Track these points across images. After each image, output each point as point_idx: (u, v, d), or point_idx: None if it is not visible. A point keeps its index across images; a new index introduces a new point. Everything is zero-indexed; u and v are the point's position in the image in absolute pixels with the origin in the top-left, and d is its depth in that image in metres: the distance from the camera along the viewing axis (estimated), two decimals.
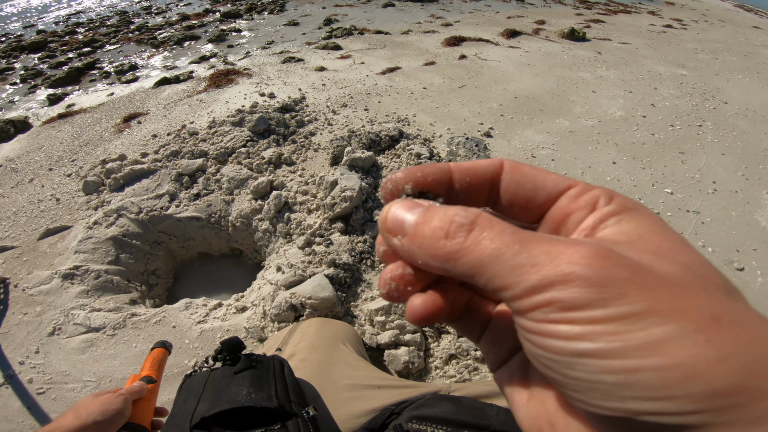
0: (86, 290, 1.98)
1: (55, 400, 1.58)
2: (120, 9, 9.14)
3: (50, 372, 1.66)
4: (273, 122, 2.89)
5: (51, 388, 1.61)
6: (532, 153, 2.89)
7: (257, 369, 0.77)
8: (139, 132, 3.28)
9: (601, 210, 0.23)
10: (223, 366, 0.79)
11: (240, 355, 0.80)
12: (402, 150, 2.45)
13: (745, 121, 3.79)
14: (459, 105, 3.54)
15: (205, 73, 4.49)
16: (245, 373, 0.75)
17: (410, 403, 0.84)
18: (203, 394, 0.72)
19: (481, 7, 7.89)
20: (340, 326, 1.30)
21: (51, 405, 1.57)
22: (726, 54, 6.26)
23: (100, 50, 6.32)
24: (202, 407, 0.68)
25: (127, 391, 0.73)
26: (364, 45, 5.17)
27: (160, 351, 0.88)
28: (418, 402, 0.83)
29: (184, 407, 0.70)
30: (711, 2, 15.41)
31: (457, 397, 0.84)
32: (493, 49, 5.10)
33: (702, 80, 4.76)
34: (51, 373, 1.66)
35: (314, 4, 8.03)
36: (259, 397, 0.69)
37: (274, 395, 0.71)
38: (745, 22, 10.63)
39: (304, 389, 0.82)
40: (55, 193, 2.69)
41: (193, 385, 0.75)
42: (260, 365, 0.78)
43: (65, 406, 1.56)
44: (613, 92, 4.06)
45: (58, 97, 4.62)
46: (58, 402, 1.57)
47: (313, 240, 2.00)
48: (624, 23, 7.74)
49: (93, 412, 0.66)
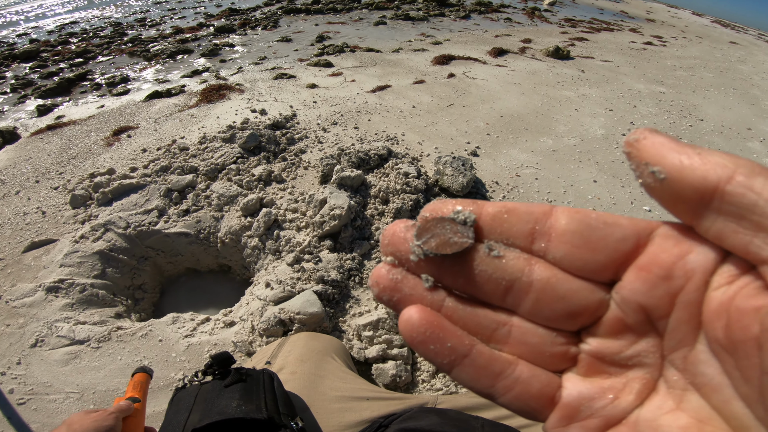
0: (71, 303, 1.98)
1: (36, 410, 1.57)
2: (114, 20, 9.19)
3: (32, 383, 1.66)
4: (264, 139, 2.93)
5: (32, 399, 1.61)
6: (517, 172, 2.99)
7: (247, 382, 0.79)
8: (128, 146, 3.29)
9: None
10: (213, 380, 0.82)
11: (230, 369, 0.83)
12: (390, 169, 2.51)
13: (721, 138, 3.96)
14: (447, 124, 3.64)
15: (197, 88, 4.53)
16: (235, 386, 0.78)
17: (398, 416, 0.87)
18: (194, 407, 0.74)
19: (470, 26, 8.13)
20: (328, 340, 1.33)
21: (31, 415, 1.56)
22: (703, 70, 6.53)
23: (93, 61, 6.33)
24: (193, 419, 0.71)
25: (117, 409, 0.76)
26: (356, 62, 5.29)
27: (142, 375, 0.90)
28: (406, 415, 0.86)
29: (176, 419, 0.72)
30: (689, 18, 16.09)
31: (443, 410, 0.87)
32: (481, 68, 5.26)
33: (679, 97, 4.97)
34: (32, 384, 1.65)
35: (307, 21, 8.19)
36: (249, 409, 0.72)
37: (263, 407, 0.73)
38: (722, 38, 11.11)
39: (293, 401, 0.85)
40: (41, 206, 2.68)
41: (183, 398, 0.78)
42: (250, 378, 0.81)
43: (46, 417, 1.55)
44: (595, 110, 4.22)
45: (48, 107, 4.60)
46: (39, 413, 1.56)
47: (302, 257, 2.04)
48: (606, 41, 8.03)
49: (87, 428, 0.68)
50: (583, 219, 0.22)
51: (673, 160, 0.20)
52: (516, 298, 0.24)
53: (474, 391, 0.24)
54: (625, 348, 0.23)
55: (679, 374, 0.22)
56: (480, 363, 0.24)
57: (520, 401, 0.24)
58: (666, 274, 0.21)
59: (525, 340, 0.24)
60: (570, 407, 0.23)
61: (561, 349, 0.24)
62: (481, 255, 0.23)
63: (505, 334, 0.24)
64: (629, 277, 0.22)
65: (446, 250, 0.23)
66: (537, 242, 0.23)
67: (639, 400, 0.22)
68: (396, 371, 1.60)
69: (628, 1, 20.26)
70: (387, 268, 0.25)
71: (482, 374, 0.24)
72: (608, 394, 0.23)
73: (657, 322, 0.22)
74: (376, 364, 1.65)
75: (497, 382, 0.24)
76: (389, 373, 1.60)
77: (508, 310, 0.24)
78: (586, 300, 0.23)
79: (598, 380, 0.23)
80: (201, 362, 1.77)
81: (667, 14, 16.23)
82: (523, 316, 0.24)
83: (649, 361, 0.22)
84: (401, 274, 0.24)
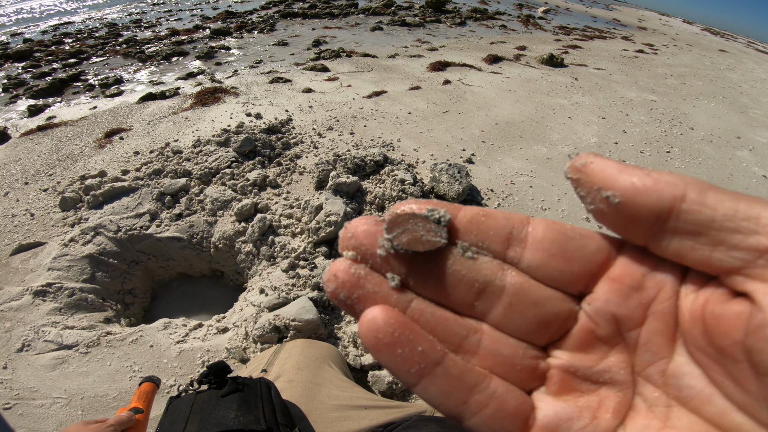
0: (59, 308, 1.94)
1: (22, 415, 1.54)
2: (110, 21, 9.13)
3: (18, 387, 1.63)
4: (259, 144, 2.92)
5: (18, 404, 1.58)
6: (512, 180, 3.00)
7: (244, 392, 0.78)
8: (121, 148, 3.25)
9: None
10: (210, 389, 0.80)
11: (226, 379, 0.81)
12: (386, 175, 2.51)
13: (710, 146, 4.02)
14: (442, 131, 3.66)
15: (192, 90, 4.50)
16: (232, 396, 0.76)
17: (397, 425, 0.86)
18: (190, 417, 0.72)
19: (466, 33, 8.21)
20: (324, 347, 1.31)
21: (17, 420, 1.53)
22: (693, 79, 6.65)
23: (86, 62, 6.27)
24: (191, 429, 0.69)
25: (116, 421, 0.74)
26: (352, 68, 5.30)
27: (148, 385, 0.89)
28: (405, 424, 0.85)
29: (171, 429, 0.71)
30: (680, 26, 16.42)
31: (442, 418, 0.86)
32: (476, 75, 5.30)
33: (670, 106, 5.05)
34: (18, 389, 1.62)
35: (304, 26, 8.21)
36: (247, 420, 0.71)
37: (261, 418, 0.72)
38: (712, 46, 11.34)
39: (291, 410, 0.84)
40: (30, 208, 2.63)
41: (179, 408, 0.76)
42: (247, 388, 0.79)
43: (32, 422, 1.53)
44: (588, 118, 4.27)
45: (39, 108, 4.54)
46: (25, 417, 1.54)
47: (297, 263, 2.02)
48: (599, 49, 8.16)
49: None
50: (560, 229, 0.22)
51: (625, 182, 0.20)
52: (487, 304, 0.23)
53: (442, 408, 0.22)
54: (596, 362, 0.22)
55: (659, 390, 0.21)
56: (453, 373, 0.21)
57: (495, 421, 0.21)
58: (638, 285, 0.21)
59: (497, 349, 0.23)
60: (548, 429, 0.22)
61: (532, 363, 0.23)
62: (454, 255, 0.23)
63: (476, 343, 0.23)
64: (602, 288, 0.22)
65: (418, 247, 0.22)
66: (512, 248, 0.23)
67: (618, 419, 0.21)
68: (392, 378, 1.59)
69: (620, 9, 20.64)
70: (348, 262, 0.23)
71: (455, 386, 0.21)
72: (586, 413, 0.22)
73: (628, 334, 0.22)
74: (372, 371, 1.64)
75: (471, 397, 0.21)
76: (385, 380, 1.59)
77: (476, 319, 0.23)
78: (558, 308, 0.22)
79: (572, 399, 0.22)
80: (193, 368, 1.75)
81: (659, 22, 16.56)
82: (493, 324, 0.23)
83: (620, 378, 0.22)
84: (364, 270, 0.22)
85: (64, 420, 1.53)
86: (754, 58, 10.50)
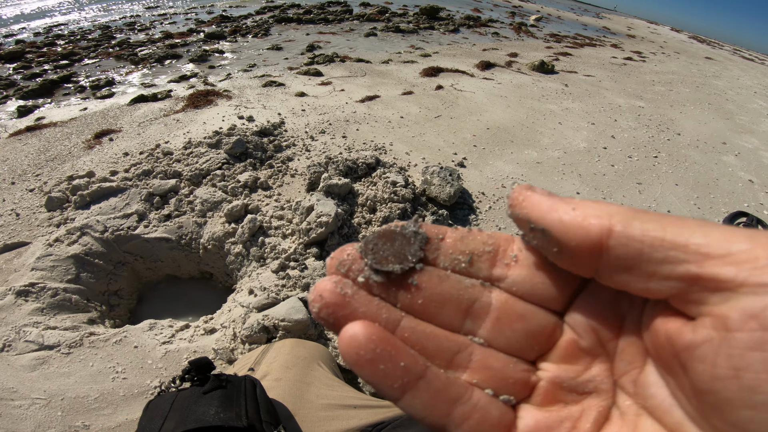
0: (41, 308, 1.90)
1: (1, 416, 1.50)
2: (103, 23, 9.08)
3: None
4: (250, 146, 2.91)
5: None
6: (502, 183, 3.03)
7: (227, 389, 0.76)
8: (110, 149, 3.23)
9: None
10: (192, 386, 0.78)
11: (209, 375, 0.79)
12: (378, 178, 2.51)
13: (696, 152, 4.09)
14: (434, 135, 3.68)
15: (184, 93, 4.49)
16: (214, 393, 0.74)
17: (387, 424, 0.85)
18: (170, 414, 0.70)
19: (459, 40, 8.31)
20: (314, 347, 1.30)
21: None
22: (680, 85, 6.79)
23: (78, 64, 6.22)
24: (168, 426, 0.67)
25: None
26: (345, 72, 5.33)
27: None
28: (395, 423, 0.84)
29: (149, 427, 0.68)
30: (668, 34, 16.78)
31: None
32: (469, 81, 5.36)
33: (658, 112, 5.14)
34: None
35: (298, 30, 8.25)
36: (228, 417, 0.68)
37: (243, 415, 0.70)
38: (699, 53, 11.60)
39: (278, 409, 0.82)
40: (15, 207, 2.59)
41: (159, 405, 0.74)
42: (230, 385, 0.77)
43: (10, 423, 1.49)
44: (578, 124, 4.33)
45: (29, 109, 4.49)
46: (4, 419, 1.50)
47: (288, 264, 2.01)
48: (589, 56, 8.30)
49: None
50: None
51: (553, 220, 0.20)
52: (475, 320, 0.23)
53: (426, 421, 0.22)
54: (581, 373, 0.23)
55: (630, 399, 0.22)
56: (436, 386, 0.22)
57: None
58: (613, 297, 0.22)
59: (488, 363, 0.23)
60: None
61: (524, 376, 0.23)
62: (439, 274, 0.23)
63: (467, 358, 0.23)
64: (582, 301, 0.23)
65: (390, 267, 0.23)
66: (498, 265, 0.23)
67: (595, 429, 0.22)
68: None
69: (610, 18, 21.04)
70: (335, 279, 0.23)
71: (439, 399, 0.21)
72: (566, 423, 0.22)
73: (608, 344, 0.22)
74: None
75: (454, 409, 0.21)
76: None
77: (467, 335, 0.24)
78: (545, 321, 0.23)
79: (555, 410, 0.23)
80: (179, 369, 1.72)
81: (647, 30, 16.92)
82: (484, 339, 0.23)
83: (604, 387, 0.22)
84: (351, 289, 0.23)
85: (42, 421, 1.49)
86: (739, 65, 10.76)
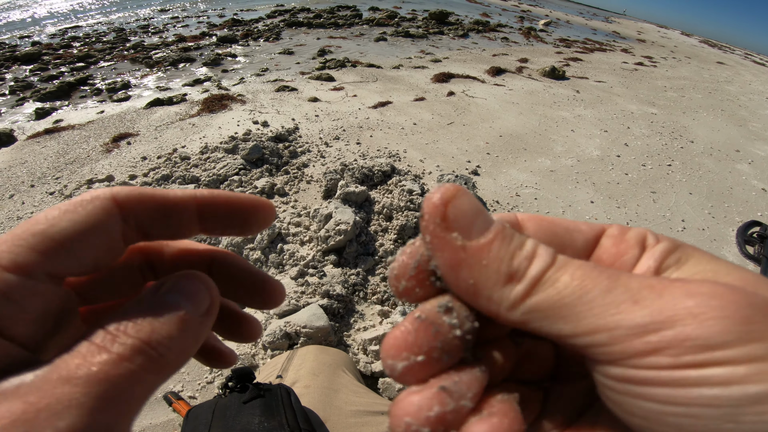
0: None
1: None
2: (117, 26, 9.22)
3: None
4: (266, 151, 2.95)
5: None
6: (517, 192, 3.04)
7: (266, 398, 0.78)
8: (128, 153, 3.28)
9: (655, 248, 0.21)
10: (231, 394, 0.81)
11: (248, 384, 0.82)
12: (394, 186, 2.54)
13: (710, 159, 4.07)
14: (448, 142, 3.70)
15: (199, 97, 4.55)
16: (255, 402, 0.77)
17: None
18: (213, 422, 0.73)
19: (469, 45, 8.32)
20: (337, 353, 1.31)
21: None
22: (692, 91, 6.73)
23: (94, 66, 6.32)
24: None
25: None
26: (357, 78, 5.37)
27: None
28: None
29: None
30: (679, 38, 16.64)
31: None
32: (480, 87, 5.37)
33: (670, 119, 5.11)
34: None
35: (309, 35, 8.31)
36: (272, 426, 0.71)
37: (285, 424, 0.72)
38: (710, 58, 11.49)
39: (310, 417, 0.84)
40: (35, 210, 2.65)
41: (200, 414, 0.76)
42: (268, 394, 0.80)
43: None
44: (591, 131, 4.32)
45: (47, 111, 4.57)
46: None
47: (306, 271, 2.04)
48: (600, 61, 8.26)
49: None
50: (548, 227, 0.22)
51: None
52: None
53: None
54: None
55: None
56: None
57: None
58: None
59: None
60: None
61: None
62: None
63: None
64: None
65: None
66: None
67: None
68: (402, 386, 1.60)
69: (620, 22, 20.92)
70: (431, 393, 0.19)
71: None
72: None
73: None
74: (383, 378, 1.65)
75: None
76: (397, 387, 1.60)
77: None
78: None
79: None
80: (201, 375, 1.75)
81: (657, 34, 16.79)
82: None
83: None
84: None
85: None
86: (751, 69, 10.65)
